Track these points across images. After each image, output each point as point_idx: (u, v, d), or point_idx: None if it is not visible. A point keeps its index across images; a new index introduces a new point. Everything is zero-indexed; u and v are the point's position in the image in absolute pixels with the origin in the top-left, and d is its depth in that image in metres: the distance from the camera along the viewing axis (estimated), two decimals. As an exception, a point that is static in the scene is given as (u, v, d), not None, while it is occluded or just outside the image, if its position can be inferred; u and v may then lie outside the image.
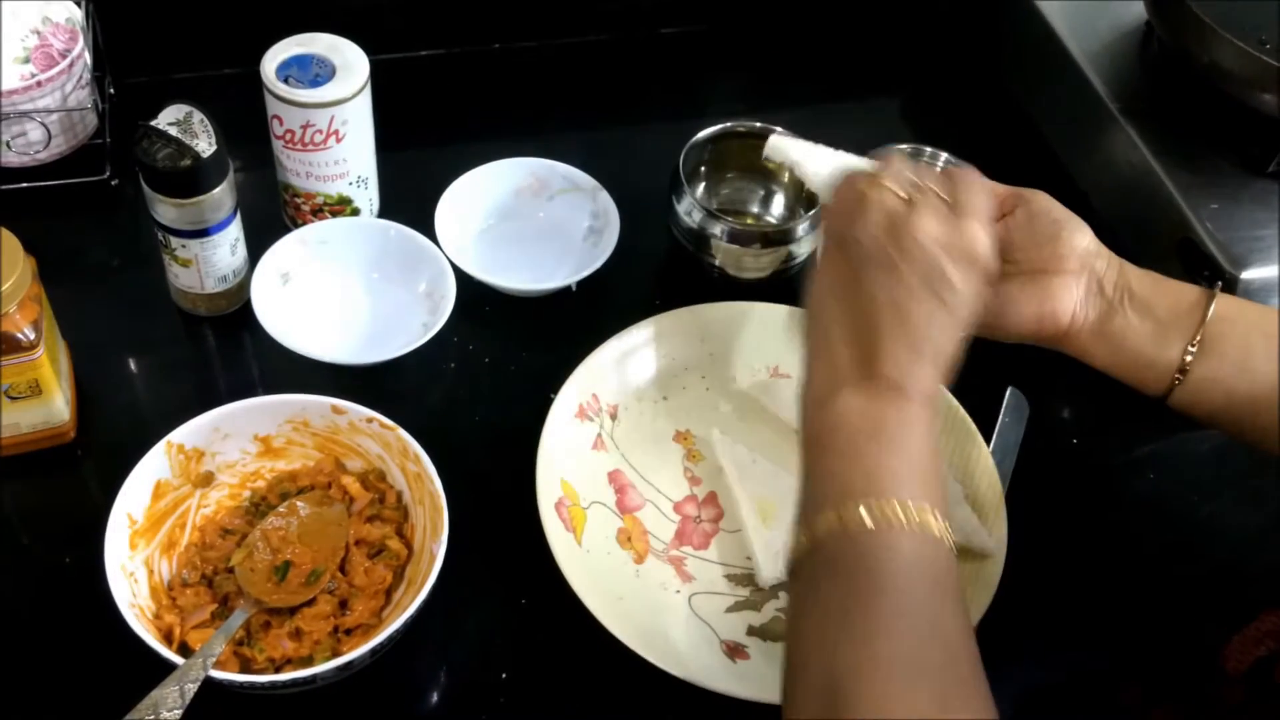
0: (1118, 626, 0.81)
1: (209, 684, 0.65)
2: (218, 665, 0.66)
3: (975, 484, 0.82)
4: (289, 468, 0.78)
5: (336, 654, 0.68)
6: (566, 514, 0.78)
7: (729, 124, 0.95)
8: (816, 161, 0.75)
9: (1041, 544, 0.82)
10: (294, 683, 0.66)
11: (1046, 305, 0.71)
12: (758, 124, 0.95)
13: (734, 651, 0.75)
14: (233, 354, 0.89)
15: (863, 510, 0.58)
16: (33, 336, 0.74)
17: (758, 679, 0.72)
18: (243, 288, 0.87)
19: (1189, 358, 0.70)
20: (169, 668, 0.65)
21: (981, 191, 0.67)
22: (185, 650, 0.69)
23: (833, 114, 1.10)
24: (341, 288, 0.90)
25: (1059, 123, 1.04)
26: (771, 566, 0.78)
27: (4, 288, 0.72)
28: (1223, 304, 0.70)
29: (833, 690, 0.54)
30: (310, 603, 0.72)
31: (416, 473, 0.75)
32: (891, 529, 0.57)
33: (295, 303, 0.88)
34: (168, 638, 0.69)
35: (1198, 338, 0.70)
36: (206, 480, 0.76)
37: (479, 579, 0.76)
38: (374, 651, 0.67)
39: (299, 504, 0.75)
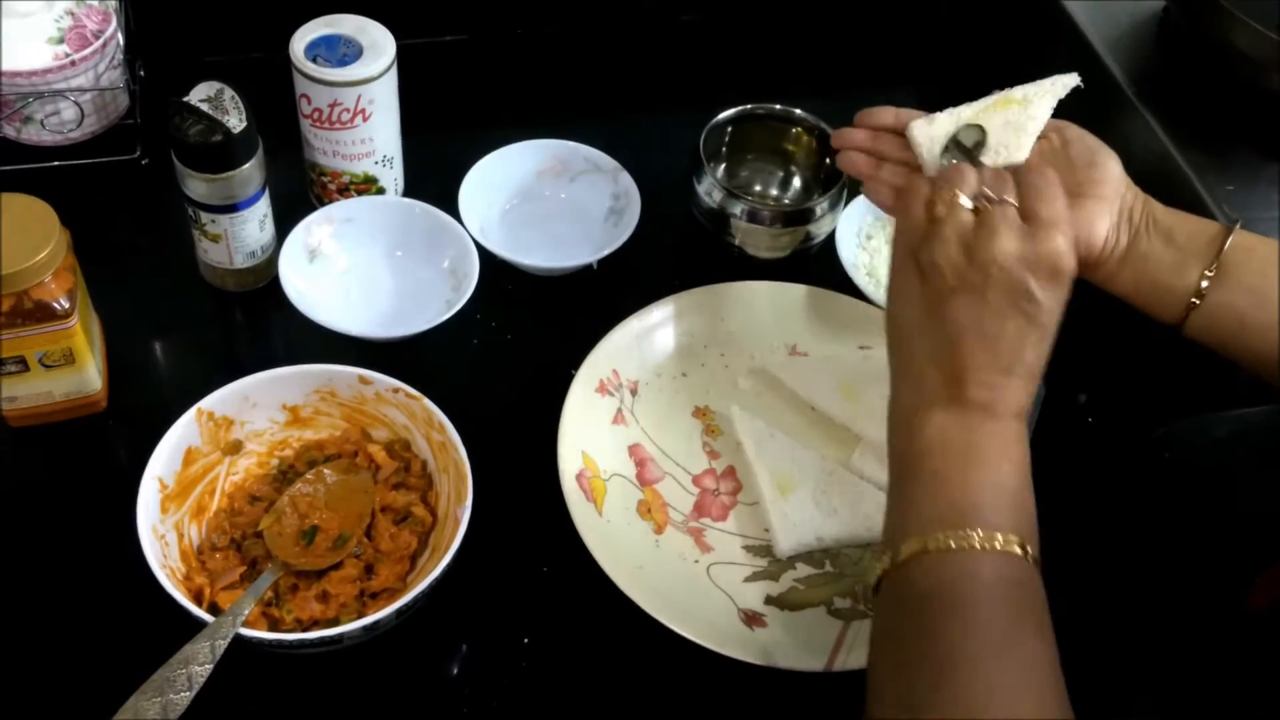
0: (1132, 605, 0.81)
1: (239, 643, 0.66)
2: (247, 625, 0.67)
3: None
4: (316, 437, 0.79)
5: (362, 616, 0.70)
6: (587, 485, 0.79)
7: (749, 106, 0.96)
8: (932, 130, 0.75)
9: (1057, 521, 0.82)
10: (321, 641, 0.67)
11: (1083, 229, 0.72)
12: (777, 106, 0.97)
13: (752, 620, 0.76)
14: (260, 329, 0.91)
15: (948, 539, 0.58)
16: (67, 305, 0.76)
17: (775, 646, 0.74)
18: (271, 264, 0.89)
19: (1205, 284, 0.71)
20: (199, 626, 0.66)
21: (1059, 198, 0.65)
22: (215, 610, 0.70)
23: (851, 102, 1.10)
24: (367, 265, 0.91)
25: (1076, 108, 1.05)
26: (788, 538, 0.79)
27: (40, 257, 0.74)
28: (1243, 236, 0.72)
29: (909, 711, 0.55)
30: (337, 566, 0.73)
31: (441, 442, 0.76)
32: (973, 555, 0.57)
33: (322, 279, 0.89)
34: (197, 598, 0.71)
35: (1215, 264, 0.71)
36: (235, 448, 0.78)
37: (502, 547, 0.78)
38: (400, 613, 0.68)
39: (326, 471, 0.76)
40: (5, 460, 0.81)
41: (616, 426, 0.84)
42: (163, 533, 0.72)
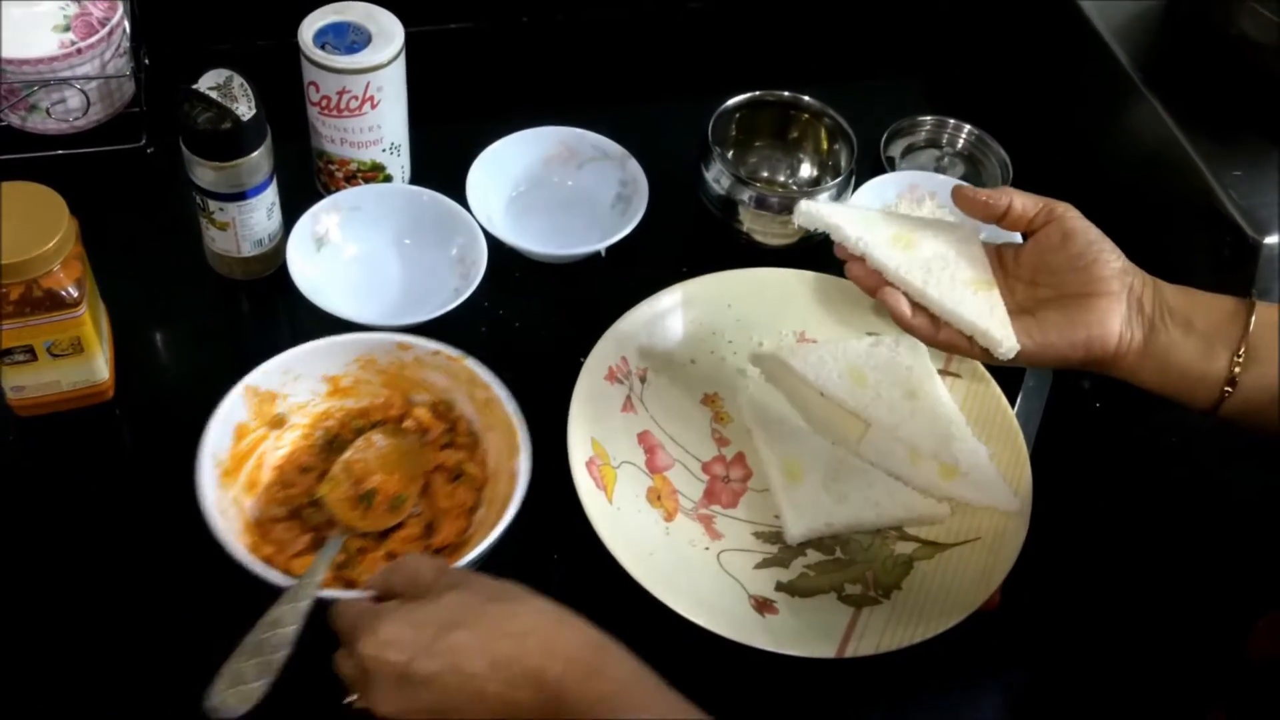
0: (1137, 585, 0.82)
1: (314, 605, 0.65)
2: (323, 586, 0.67)
3: (1000, 446, 0.83)
4: (358, 405, 0.81)
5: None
6: (597, 473, 0.79)
7: (757, 93, 0.96)
8: (850, 224, 0.74)
9: (1065, 502, 0.83)
10: None
11: (1095, 329, 0.70)
12: (785, 93, 0.96)
13: (762, 606, 0.76)
14: (268, 317, 0.91)
15: None
16: (76, 294, 0.76)
17: (786, 633, 0.74)
18: (278, 252, 0.89)
19: (1237, 368, 0.69)
20: (274, 593, 0.66)
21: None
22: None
23: (858, 88, 1.11)
24: (375, 253, 0.91)
25: (1083, 94, 1.05)
26: (799, 524, 0.79)
27: (48, 245, 0.74)
28: (1264, 310, 0.70)
29: None
30: (399, 527, 0.75)
31: (486, 399, 0.77)
32: None
33: (330, 267, 0.89)
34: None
35: (1243, 347, 0.69)
36: (279, 422, 0.79)
37: (513, 535, 0.77)
38: (472, 564, 0.69)
39: (375, 436, 0.78)
40: (12, 450, 0.81)
41: (626, 414, 0.84)
42: (223, 508, 0.72)
